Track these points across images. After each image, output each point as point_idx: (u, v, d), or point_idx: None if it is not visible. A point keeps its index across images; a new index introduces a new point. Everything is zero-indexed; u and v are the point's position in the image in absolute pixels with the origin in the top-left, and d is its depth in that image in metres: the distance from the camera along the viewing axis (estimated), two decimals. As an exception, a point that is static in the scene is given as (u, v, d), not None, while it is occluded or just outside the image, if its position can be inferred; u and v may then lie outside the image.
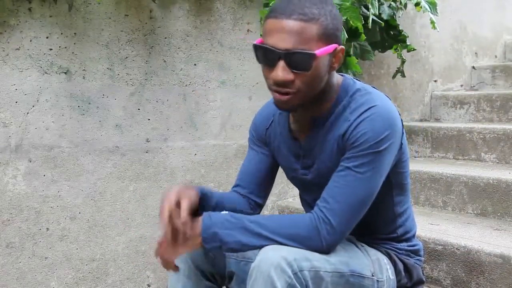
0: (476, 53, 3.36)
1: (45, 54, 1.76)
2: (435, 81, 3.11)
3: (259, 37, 2.23)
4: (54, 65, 1.79)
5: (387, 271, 1.28)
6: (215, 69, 2.15)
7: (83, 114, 1.86)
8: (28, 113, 1.75)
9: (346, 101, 1.22)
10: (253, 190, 1.42)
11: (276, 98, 1.16)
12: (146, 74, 1.98)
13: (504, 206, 2.00)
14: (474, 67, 3.29)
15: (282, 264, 1.06)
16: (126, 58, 1.93)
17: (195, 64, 2.10)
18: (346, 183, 1.15)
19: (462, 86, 3.26)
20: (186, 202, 1.15)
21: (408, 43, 2.34)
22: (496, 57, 3.49)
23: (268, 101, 1.46)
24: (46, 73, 1.77)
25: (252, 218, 1.15)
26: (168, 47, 2.02)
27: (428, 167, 2.33)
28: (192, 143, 2.11)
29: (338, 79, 1.25)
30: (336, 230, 1.13)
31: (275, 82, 1.12)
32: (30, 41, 1.73)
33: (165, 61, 2.02)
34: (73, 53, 1.82)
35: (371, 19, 2.08)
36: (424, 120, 3.03)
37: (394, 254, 1.33)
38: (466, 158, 2.50)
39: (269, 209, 2.36)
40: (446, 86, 3.17)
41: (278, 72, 1.11)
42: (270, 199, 2.31)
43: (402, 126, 1.23)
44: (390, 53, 2.47)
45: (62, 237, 1.84)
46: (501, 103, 2.70)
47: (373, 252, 1.29)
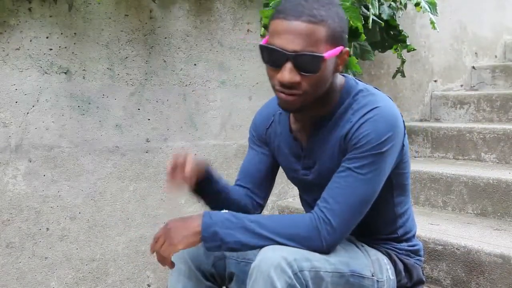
0: (476, 53, 3.36)
1: (45, 54, 1.76)
2: (435, 81, 3.11)
3: (259, 37, 2.27)
4: (54, 65, 1.79)
5: (387, 271, 1.28)
6: (215, 69, 2.15)
7: (83, 114, 1.86)
8: (28, 113, 1.75)
9: (348, 102, 1.21)
10: (253, 190, 1.42)
11: (281, 98, 1.15)
12: (146, 74, 1.98)
13: (504, 206, 2.00)
14: (474, 67, 3.29)
15: (282, 264, 1.06)
16: (126, 58, 1.93)
17: (195, 64, 2.10)
18: (347, 184, 1.14)
19: (462, 86, 3.26)
20: (191, 156, 1.23)
21: (408, 43, 2.34)
22: (496, 57, 3.49)
23: (268, 101, 1.45)
24: (46, 73, 1.77)
25: (252, 218, 1.15)
26: (168, 47, 2.02)
27: (428, 167, 2.33)
28: (192, 143, 2.11)
29: (341, 80, 1.24)
30: (336, 230, 1.13)
31: (281, 84, 1.11)
32: (30, 41, 1.73)
33: (165, 61, 2.02)
34: (73, 53, 1.82)
35: (371, 19, 2.08)
36: (424, 120, 3.03)
37: (394, 254, 1.33)
38: (466, 158, 2.50)
39: (269, 209, 2.36)
40: (446, 86, 3.17)
41: (285, 73, 1.10)
42: (270, 199, 2.31)
43: (404, 127, 1.23)
44: (390, 53, 2.47)
45: (62, 237, 1.84)
46: (501, 103, 2.70)
47: (373, 252, 1.29)
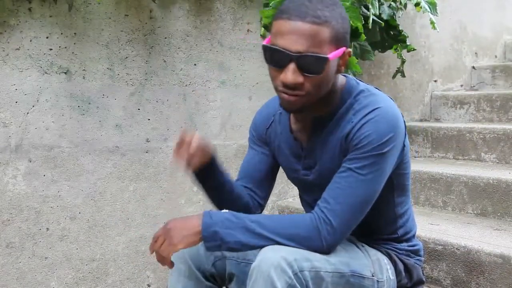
0: (476, 53, 3.36)
1: (45, 54, 1.76)
2: (435, 81, 3.11)
3: (259, 37, 2.27)
4: (54, 65, 1.79)
5: (387, 271, 1.27)
6: (215, 69, 2.15)
7: (83, 114, 1.86)
8: (28, 113, 1.75)
9: (350, 102, 1.21)
10: (253, 189, 1.42)
11: (284, 99, 1.14)
12: (146, 74, 1.98)
13: (504, 206, 2.00)
14: (474, 67, 3.29)
15: (283, 264, 1.06)
16: (126, 58, 1.93)
17: (195, 64, 2.10)
18: (348, 184, 1.14)
19: (462, 86, 3.26)
20: (198, 136, 1.25)
21: (408, 43, 2.34)
22: (496, 57, 3.49)
23: (268, 100, 1.45)
24: (46, 73, 1.77)
25: (253, 218, 1.15)
26: (168, 47, 2.02)
27: (428, 167, 2.33)
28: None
29: (342, 80, 1.24)
30: (336, 230, 1.13)
31: (285, 84, 1.11)
32: (30, 41, 1.73)
33: (165, 61, 2.02)
34: (73, 53, 1.82)
35: (371, 19, 2.08)
36: (424, 120, 3.02)
37: (394, 254, 1.33)
38: (466, 158, 2.50)
39: (269, 209, 2.36)
40: (446, 86, 3.17)
41: (288, 74, 1.09)
42: (270, 199, 2.30)
43: (405, 127, 1.23)
44: (390, 53, 2.47)
45: (62, 237, 1.84)
46: (501, 103, 2.70)
47: (373, 252, 1.29)
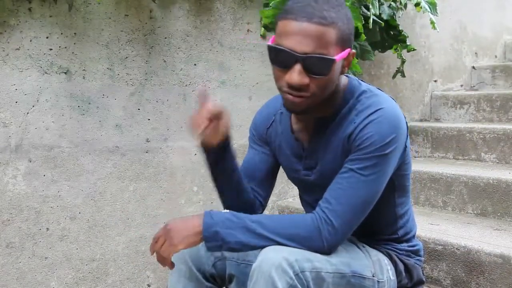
0: (476, 53, 3.36)
1: (45, 54, 1.76)
2: (435, 81, 3.11)
3: (259, 37, 2.27)
4: (54, 65, 1.78)
5: (388, 272, 1.27)
6: (215, 69, 2.15)
7: (83, 114, 1.86)
8: (28, 113, 1.75)
9: (352, 102, 1.21)
10: (254, 189, 1.41)
11: (288, 100, 1.14)
12: (146, 74, 1.98)
13: (504, 206, 2.00)
14: (474, 67, 3.29)
15: (284, 265, 1.06)
16: (126, 58, 1.93)
17: (195, 64, 2.10)
18: (349, 185, 1.14)
19: (462, 86, 3.26)
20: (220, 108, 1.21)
21: (408, 43, 2.34)
22: (496, 57, 3.49)
23: (268, 100, 1.45)
24: (46, 73, 1.77)
25: (253, 218, 1.15)
26: (168, 47, 2.02)
27: (428, 167, 2.33)
28: (192, 143, 2.11)
29: (344, 81, 1.24)
30: (337, 231, 1.13)
31: (290, 85, 1.11)
32: (30, 41, 1.73)
33: (165, 61, 2.02)
34: (73, 53, 1.82)
35: (372, 19, 2.08)
36: (424, 120, 3.02)
37: (395, 254, 1.33)
38: (466, 158, 2.50)
39: (269, 209, 2.36)
40: (446, 86, 3.17)
41: (294, 75, 1.09)
42: (270, 199, 2.29)
43: (407, 128, 1.23)
44: (390, 53, 2.47)
45: (62, 237, 1.84)
46: (501, 103, 2.70)
47: (374, 252, 1.29)
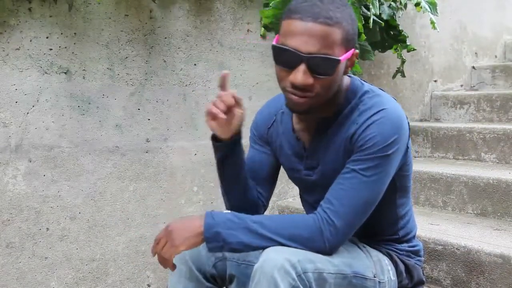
0: (476, 53, 3.36)
1: (45, 54, 1.76)
2: (435, 81, 3.11)
3: (259, 37, 2.26)
4: (54, 65, 1.78)
5: (389, 272, 1.27)
6: (215, 69, 2.15)
7: (83, 114, 1.86)
8: (28, 113, 1.75)
9: (355, 102, 1.21)
10: (255, 189, 1.41)
11: (291, 100, 1.14)
12: (146, 74, 1.98)
13: (504, 206, 2.00)
14: (474, 67, 3.29)
15: (286, 265, 1.05)
16: (126, 58, 1.93)
17: (195, 64, 2.10)
18: (351, 186, 1.14)
19: (462, 86, 3.26)
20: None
21: (408, 43, 2.34)
22: (496, 57, 3.49)
23: (268, 100, 1.45)
24: (46, 73, 1.77)
25: (255, 219, 1.15)
26: (168, 47, 2.02)
27: (428, 167, 2.33)
28: (192, 143, 2.11)
29: (347, 81, 1.24)
30: (339, 231, 1.13)
31: (294, 86, 1.10)
32: (30, 41, 1.73)
33: (165, 61, 2.02)
34: (73, 53, 1.82)
35: (372, 19, 2.08)
36: (424, 120, 3.03)
37: (395, 255, 1.33)
38: (466, 158, 2.50)
39: (269, 209, 2.36)
40: (446, 86, 3.17)
41: (298, 75, 1.08)
42: (270, 199, 2.31)
43: (409, 129, 1.22)
44: (390, 53, 2.47)
45: (62, 237, 1.84)
46: (501, 103, 2.70)
47: (374, 253, 1.29)
